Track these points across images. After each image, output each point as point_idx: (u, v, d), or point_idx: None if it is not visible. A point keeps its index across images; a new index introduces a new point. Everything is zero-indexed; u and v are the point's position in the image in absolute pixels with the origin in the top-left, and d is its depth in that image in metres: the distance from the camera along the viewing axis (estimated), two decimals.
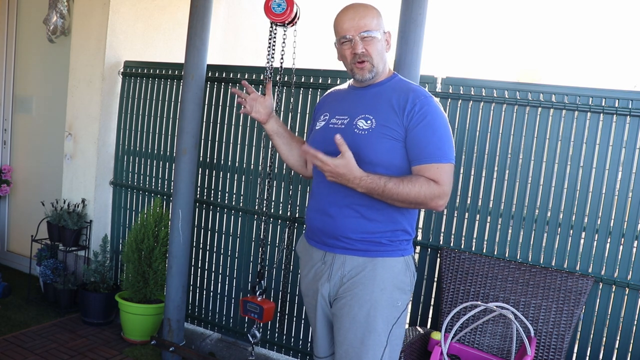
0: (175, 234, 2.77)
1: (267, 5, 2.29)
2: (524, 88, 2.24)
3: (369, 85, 1.67)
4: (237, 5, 4.43)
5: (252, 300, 2.37)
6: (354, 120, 1.62)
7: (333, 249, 1.65)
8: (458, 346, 2.16)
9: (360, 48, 1.58)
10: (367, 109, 1.62)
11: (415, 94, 1.57)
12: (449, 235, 2.39)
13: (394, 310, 1.62)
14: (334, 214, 1.63)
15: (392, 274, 1.61)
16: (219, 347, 2.92)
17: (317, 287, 1.69)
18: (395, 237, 1.63)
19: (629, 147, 2.09)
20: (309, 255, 1.74)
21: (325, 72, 2.63)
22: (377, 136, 1.56)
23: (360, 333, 1.59)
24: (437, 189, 1.52)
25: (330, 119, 1.70)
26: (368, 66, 1.61)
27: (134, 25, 3.36)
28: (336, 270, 1.64)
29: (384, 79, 1.67)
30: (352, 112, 1.65)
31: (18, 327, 3.00)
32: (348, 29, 1.58)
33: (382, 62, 1.64)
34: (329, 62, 4.27)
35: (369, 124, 1.58)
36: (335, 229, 1.63)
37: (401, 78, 1.69)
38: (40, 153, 3.79)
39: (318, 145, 1.68)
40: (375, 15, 1.61)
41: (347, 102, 1.70)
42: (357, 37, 1.58)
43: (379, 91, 1.64)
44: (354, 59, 1.61)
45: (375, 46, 1.60)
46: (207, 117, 2.98)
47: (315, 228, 1.70)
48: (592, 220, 2.15)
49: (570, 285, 2.08)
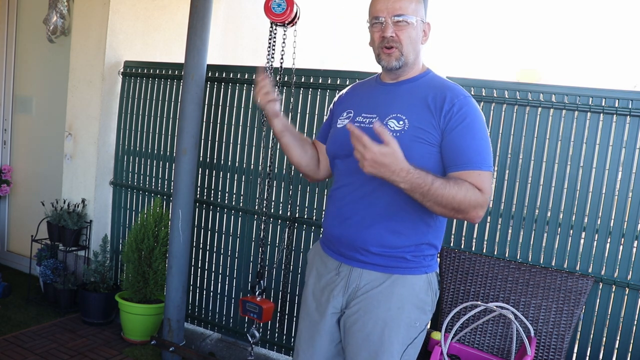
0: (175, 234, 2.77)
1: (267, 5, 2.30)
2: (524, 88, 2.24)
3: (401, 81, 1.53)
4: (237, 5, 4.43)
5: (251, 300, 2.37)
6: (385, 119, 1.46)
7: (350, 261, 1.53)
8: (458, 346, 2.16)
9: (390, 32, 1.44)
10: (399, 107, 1.47)
11: (453, 92, 1.44)
12: (449, 235, 2.39)
13: (411, 331, 1.51)
14: (355, 223, 1.49)
15: (412, 292, 1.50)
16: (219, 347, 2.92)
17: (327, 298, 1.57)
18: (419, 251, 1.50)
19: (629, 147, 2.09)
20: (322, 263, 1.62)
21: (325, 72, 2.63)
22: (410, 139, 1.41)
23: (373, 352, 1.48)
24: (481, 198, 1.36)
25: (355, 116, 1.54)
26: (396, 53, 1.46)
27: (134, 25, 3.36)
28: (352, 283, 1.53)
29: (417, 75, 1.53)
30: (381, 110, 1.49)
31: (18, 327, 3.00)
32: (381, 10, 1.45)
33: (414, 52, 1.49)
34: (329, 62, 4.27)
35: (402, 124, 1.43)
36: (355, 240, 1.49)
37: (436, 74, 1.56)
38: (40, 153, 3.79)
39: (342, 145, 1.53)
40: (414, 0, 1.47)
41: (375, 99, 1.55)
42: (389, 19, 1.44)
43: (412, 88, 1.50)
44: (382, 43, 1.47)
45: (408, 33, 1.46)
46: (207, 117, 2.98)
47: (332, 236, 1.57)
48: (592, 220, 2.15)
49: (570, 285, 2.08)
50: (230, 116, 2.92)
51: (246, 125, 2.88)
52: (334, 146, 1.60)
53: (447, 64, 5.63)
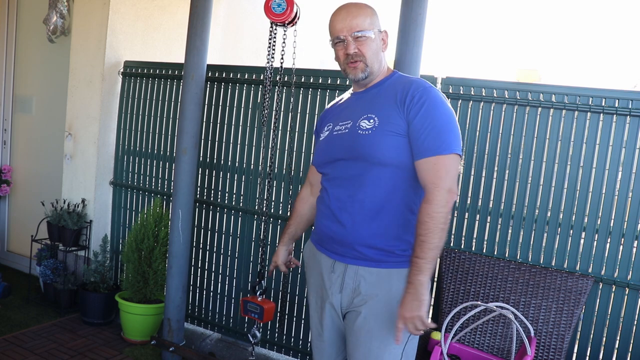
0: (175, 234, 2.77)
1: (267, 5, 2.29)
2: (524, 88, 2.24)
3: (370, 87, 1.64)
4: (237, 5, 4.43)
5: (252, 300, 2.37)
6: (357, 122, 1.57)
7: (344, 258, 1.58)
8: (458, 346, 2.16)
9: (352, 48, 1.56)
10: (369, 109, 1.57)
11: (415, 85, 1.53)
12: (449, 235, 2.39)
13: None
14: (346, 221, 1.55)
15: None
16: (219, 347, 2.92)
17: (325, 296, 1.63)
18: (405, 245, 1.56)
19: (629, 147, 2.09)
20: (317, 262, 1.68)
21: (325, 72, 2.63)
22: (381, 134, 1.50)
23: (376, 347, 1.53)
24: (438, 201, 1.42)
25: (334, 127, 1.66)
26: (361, 66, 1.57)
27: (134, 25, 3.36)
28: (348, 281, 1.57)
29: (383, 78, 1.63)
30: (354, 115, 1.60)
31: (18, 327, 3.00)
32: (341, 30, 1.56)
33: (377, 61, 1.60)
34: (329, 62, 4.28)
35: (372, 122, 1.53)
36: (347, 237, 1.56)
37: (402, 74, 1.65)
38: (40, 153, 3.79)
39: (323, 155, 1.65)
40: (369, 15, 1.57)
41: (348, 108, 1.66)
42: (350, 37, 1.55)
43: (380, 90, 1.61)
44: (347, 59, 1.58)
45: (369, 46, 1.57)
46: (207, 117, 2.98)
47: (324, 235, 1.63)
48: (592, 220, 2.15)
49: (570, 285, 2.08)
50: (230, 116, 2.92)
51: (246, 125, 2.88)
52: (319, 157, 1.70)
53: (448, 64, 5.63)
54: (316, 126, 1.83)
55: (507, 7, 10.91)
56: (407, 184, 1.53)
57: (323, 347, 1.72)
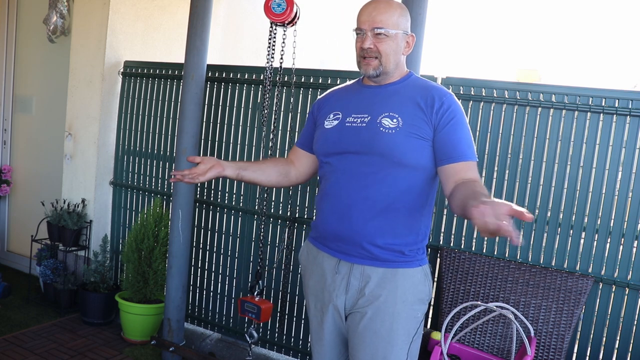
0: (175, 234, 2.77)
1: (267, 5, 2.30)
2: (524, 88, 2.24)
3: (387, 84, 1.61)
4: (237, 5, 4.43)
5: (250, 300, 2.37)
6: (378, 118, 1.54)
7: (350, 257, 1.55)
8: (458, 346, 2.16)
9: (368, 43, 1.53)
10: (390, 107, 1.55)
11: (439, 92, 1.54)
12: (449, 235, 2.39)
13: (414, 322, 1.57)
14: (354, 218, 1.52)
15: (412, 285, 1.55)
16: (219, 347, 2.92)
17: (328, 299, 1.60)
18: (414, 245, 1.56)
19: (629, 147, 2.09)
20: (317, 264, 1.64)
21: (325, 72, 2.63)
22: (405, 135, 1.49)
23: (382, 348, 1.52)
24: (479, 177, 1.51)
25: (345, 117, 1.60)
26: (374, 63, 1.55)
27: (134, 25, 3.36)
28: (354, 281, 1.55)
29: (401, 78, 1.61)
30: (372, 110, 1.56)
31: (18, 327, 3.00)
32: (363, 22, 1.54)
33: (394, 62, 1.57)
34: (329, 62, 4.27)
35: (395, 122, 1.51)
36: (355, 234, 1.52)
37: (417, 76, 1.65)
38: (40, 153, 3.79)
39: (331, 145, 1.60)
40: (397, 14, 1.55)
41: (364, 100, 1.61)
42: (369, 32, 1.53)
43: (399, 89, 1.59)
44: (361, 53, 1.56)
45: (388, 44, 1.54)
46: (207, 117, 2.98)
47: (329, 233, 1.59)
48: (592, 220, 2.15)
49: (570, 285, 2.08)
50: (230, 116, 2.92)
51: (246, 125, 2.88)
52: (325, 146, 1.64)
53: (448, 64, 5.63)
54: (313, 110, 1.76)
55: (507, 7, 10.83)
56: (421, 186, 1.54)
57: (324, 351, 1.69)
